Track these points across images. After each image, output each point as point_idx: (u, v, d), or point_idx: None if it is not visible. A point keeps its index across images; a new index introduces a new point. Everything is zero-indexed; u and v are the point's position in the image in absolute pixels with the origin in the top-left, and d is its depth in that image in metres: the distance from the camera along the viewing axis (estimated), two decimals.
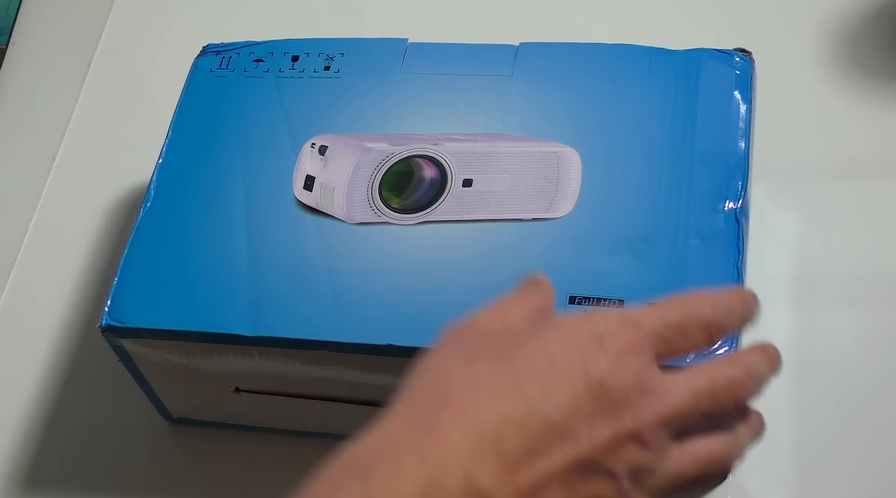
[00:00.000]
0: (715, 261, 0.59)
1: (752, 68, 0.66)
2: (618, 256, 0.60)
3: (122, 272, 0.63)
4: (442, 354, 0.47)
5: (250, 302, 0.61)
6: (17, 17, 0.87)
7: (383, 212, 0.63)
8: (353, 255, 0.62)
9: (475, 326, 0.48)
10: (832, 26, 0.80)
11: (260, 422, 0.68)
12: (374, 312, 0.60)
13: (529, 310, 0.48)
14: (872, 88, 0.77)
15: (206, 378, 0.64)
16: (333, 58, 0.70)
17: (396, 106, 0.67)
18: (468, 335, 0.47)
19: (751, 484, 0.64)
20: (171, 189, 0.66)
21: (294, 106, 0.68)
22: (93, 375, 0.73)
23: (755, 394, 0.48)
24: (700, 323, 0.47)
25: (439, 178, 0.63)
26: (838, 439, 0.65)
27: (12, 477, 0.70)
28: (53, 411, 0.73)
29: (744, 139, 0.63)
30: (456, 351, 0.46)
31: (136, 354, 0.63)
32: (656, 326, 0.46)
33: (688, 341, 0.47)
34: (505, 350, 0.45)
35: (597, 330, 0.45)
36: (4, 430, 0.72)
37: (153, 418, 0.70)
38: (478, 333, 0.47)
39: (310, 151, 0.65)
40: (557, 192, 0.62)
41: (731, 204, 0.61)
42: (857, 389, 0.66)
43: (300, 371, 0.62)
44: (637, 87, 0.65)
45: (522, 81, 0.67)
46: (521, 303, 0.49)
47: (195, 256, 0.63)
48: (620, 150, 0.63)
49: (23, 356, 0.75)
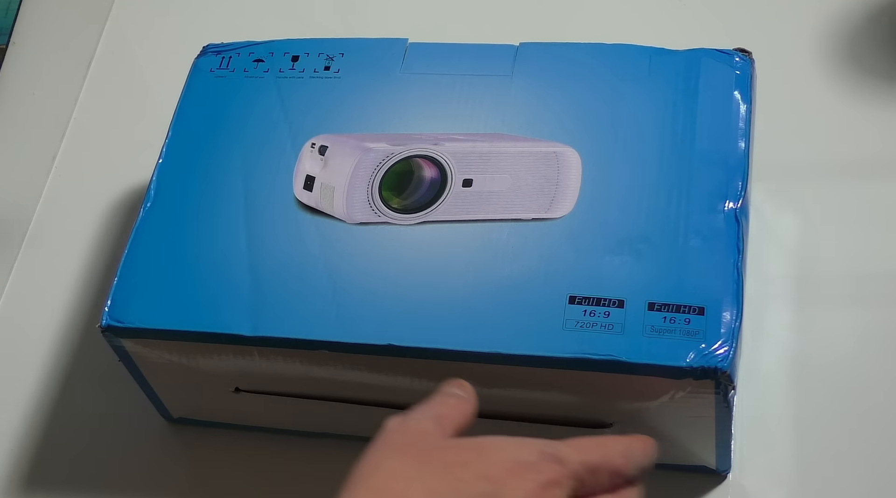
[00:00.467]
0: (715, 261, 0.59)
1: (752, 68, 0.66)
2: (618, 256, 0.60)
3: (122, 272, 0.63)
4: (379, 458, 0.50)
5: (250, 302, 0.61)
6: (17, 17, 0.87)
7: (383, 212, 0.63)
8: (353, 255, 0.62)
9: (412, 432, 0.51)
10: (832, 26, 0.80)
11: (260, 422, 0.68)
12: (374, 312, 0.60)
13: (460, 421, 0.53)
14: (872, 88, 0.77)
15: (206, 378, 0.64)
16: (333, 58, 0.70)
17: (396, 106, 0.67)
18: (405, 441, 0.51)
19: (751, 484, 0.64)
20: (171, 189, 0.66)
21: (294, 106, 0.68)
22: (93, 375, 0.73)
23: None
24: (611, 469, 0.52)
25: (439, 178, 0.63)
26: (838, 439, 0.65)
27: (12, 477, 0.70)
28: (53, 411, 0.73)
29: (744, 139, 0.63)
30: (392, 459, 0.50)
31: (136, 354, 0.63)
32: (576, 465, 0.50)
33: (597, 484, 0.51)
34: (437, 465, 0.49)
35: (524, 460, 0.49)
36: (5, 430, 0.72)
37: (153, 418, 0.70)
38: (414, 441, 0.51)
39: (310, 151, 0.65)
40: (557, 192, 0.62)
41: (731, 204, 0.61)
42: (857, 389, 0.66)
43: (300, 371, 0.62)
44: (637, 87, 0.65)
45: (522, 81, 0.67)
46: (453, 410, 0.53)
47: (195, 256, 0.63)
48: (620, 150, 0.63)
49: (23, 356, 0.75)
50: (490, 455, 0.50)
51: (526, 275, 0.60)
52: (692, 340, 0.56)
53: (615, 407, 0.59)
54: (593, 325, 0.57)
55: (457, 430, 0.53)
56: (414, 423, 0.52)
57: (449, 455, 0.50)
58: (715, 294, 0.58)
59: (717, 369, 0.56)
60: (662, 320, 0.57)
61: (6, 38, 0.86)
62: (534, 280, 0.59)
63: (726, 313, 0.57)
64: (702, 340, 0.56)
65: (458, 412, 0.53)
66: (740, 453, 0.64)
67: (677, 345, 0.56)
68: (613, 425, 0.61)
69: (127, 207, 0.79)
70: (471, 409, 0.54)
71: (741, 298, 0.58)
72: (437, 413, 0.53)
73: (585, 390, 0.59)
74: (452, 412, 0.53)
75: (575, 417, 0.61)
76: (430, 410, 0.53)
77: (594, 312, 0.58)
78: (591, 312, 0.58)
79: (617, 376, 0.57)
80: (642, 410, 0.59)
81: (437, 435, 0.52)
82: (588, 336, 0.57)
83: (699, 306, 0.57)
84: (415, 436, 0.51)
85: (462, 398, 0.54)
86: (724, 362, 0.56)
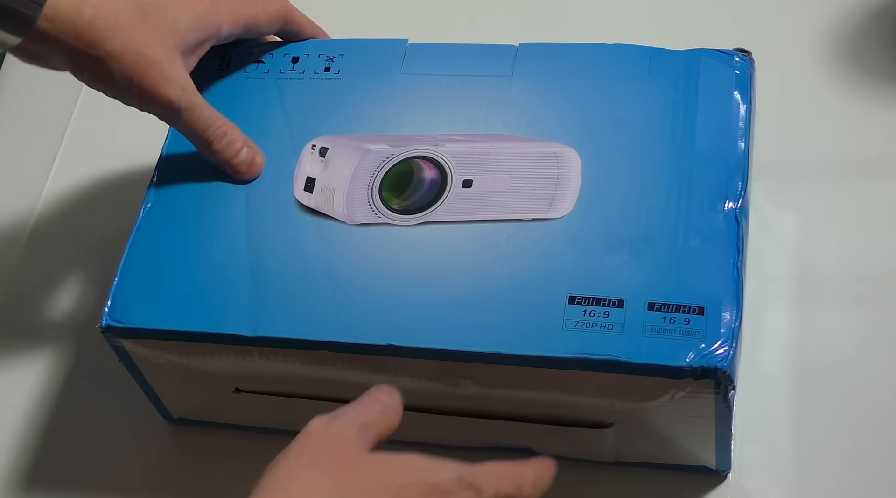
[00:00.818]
0: (715, 260, 0.59)
1: (752, 68, 0.66)
2: (618, 256, 0.60)
3: (122, 272, 0.63)
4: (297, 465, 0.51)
5: (251, 302, 0.61)
6: None
7: (384, 213, 0.63)
8: (353, 256, 0.62)
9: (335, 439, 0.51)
10: (832, 26, 0.80)
11: (260, 422, 0.68)
12: (375, 312, 0.60)
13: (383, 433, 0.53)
14: (872, 88, 0.77)
15: (207, 378, 0.64)
16: (333, 59, 0.70)
17: (396, 107, 0.67)
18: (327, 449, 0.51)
19: (751, 484, 0.65)
20: (171, 190, 0.66)
21: (294, 107, 0.68)
22: (93, 376, 0.73)
23: None
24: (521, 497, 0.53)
25: (439, 179, 0.63)
26: (838, 439, 0.65)
27: (12, 477, 0.70)
28: (53, 412, 0.73)
29: (744, 139, 0.63)
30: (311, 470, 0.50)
31: (137, 354, 0.63)
32: (492, 495, 0.51)
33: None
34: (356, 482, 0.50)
35: (443, 487, 0.50)
36: (5, 430, 0.72)
37: (153, 418, 0.70)
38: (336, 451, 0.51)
39: (310, 153, 0.65)
40: (557, 193, 0.62)
41: (731, 204, 0.61)
42: (857, 389, 0.66)
43: (300, 371, 0.62)
44: (637, 87, 0.65)
45: (522, 82, 0.67)
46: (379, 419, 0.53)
47: (195, 257, 0.63)
48: (620, 150, 0.63)
49: (23, 356, 0.75)
50: (410, 477, 0.50)
51: (526, 275, 0.60)
52: (692, 339, 0.56)
53: (615, 407, 0.59)
54: (593, 325, 0.57)
55: (378, 440, 0.53)
56: (338, 429, 0.52)
57: (371, 473, 0.50)
58: (715, 294, 0.58)
59: (716, 369, 0.56)
60: (662, 320, 0.57)
61: None
62: (534, 280, 0.59)
63: (726, 313, 0.57)
64: (701, 340, 0.56)
65: (383, 422, 0.53)
66: (740, 453, 0.64)
67: (677, 345, 0.56)
68: (613, 425, 0.61)
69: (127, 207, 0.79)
70: (396, 420, 0.54)
71: (741, 298, 0.58)
72: (364, 421, 0.53)
73: (585, 390, 0.59)
74: (378, 421, 0.53)
75: (574, 417, 0.61)
76: (357, 416, 0.53)
77: (594, 313, 0.58)
78: (591, 312, 0.58)
79: (617, 376, 0.57)
80: (642, 410, 0.59)
81: (360, 446, 0.51)
82: (588, 336, 0.57)
83: (699, 306, 0.57)
84: (337, 444, 0.51)
85: (390, 408, 0.54)
86: (723, 362, 0.56)
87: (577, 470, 0.65)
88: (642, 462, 0.65)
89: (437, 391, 0.61)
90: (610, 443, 0.63)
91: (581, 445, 0.63)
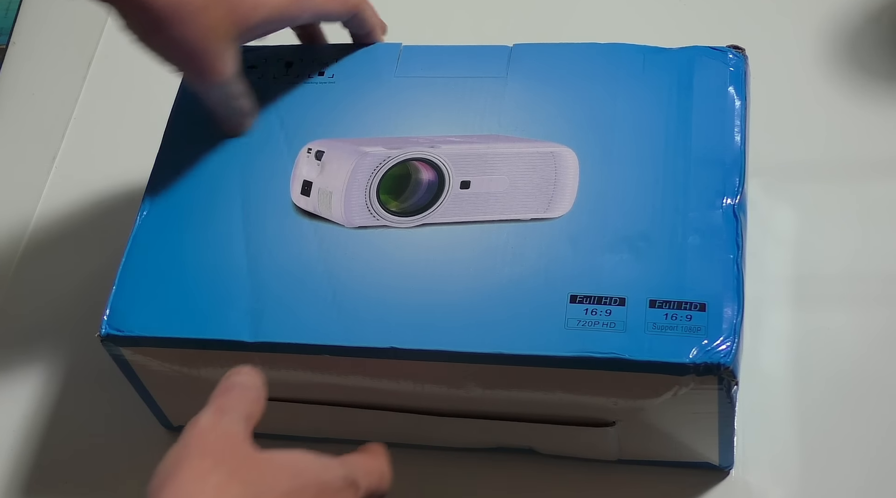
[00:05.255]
0: (714, 257, 0.59)
1: (746, 65, 0.66)
2: (617, 255, 0.60)
3: (120, 280, 0.63)
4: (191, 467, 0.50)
5: (250, 308, 0.61)
6: (17, 17, 0.88)
7: (381, 215, 0.63)
8: (352, 259, 0.62)
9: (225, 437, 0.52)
10: (832, 26, 0.80)
11: (261, 428, 0.68)
12: (375, 315, 0.60)
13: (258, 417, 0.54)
14: (872, 88, 0.77)
15: (207, 386, 0.64)
16: (328, 63, 0.69)
17: (392, 109, 0.67)
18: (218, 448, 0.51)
19: (752, 483, 0.65)
20: (167, 196, 0.66)
21: (289, 111, 0.68)
22: (92, 384, 0.73)
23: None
24: (380, 491, 0.56)
25: (437, 181, 0.63)
26: (841, 435, 0.65)
27: (11, 486, 0.70)
28: (52, 421, 0.72)
29: (740, 135, 0.63)
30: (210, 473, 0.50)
31: (136, 362, 0.63)
32: (364, 490, 0.54)
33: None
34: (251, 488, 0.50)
35: (331, 487, 0.52)
36: (4, 439, 0.72)
37: (153, 427, 0.70)
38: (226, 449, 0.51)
39: (306, 157, 0.65)
40: (555, 192, 0.62)
41: (729, 200, 0.61)
42: (857, 388, 0.66)
43: (301, 376, 0.62)
44: (632, 85, 0.65)
45: (517, 82, 0.67)
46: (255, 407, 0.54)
47: (194, 263, 0.63)
48: (617, 148, 0.63)
49: (22, 361, 0.74)
50: (305, 479, 0.51)
51: (526, 275, 0.60)
52: (694, 336, 0.56)
53: (618, 405, 0.59)
54: (595, 323, 0.57)
55: (255, 426, 0.54)
56: (228, 426, 0.52)
57: (264, 475, 0.51)
58: (715, 290, 0.58)
59: (719, 365, 0.56)
60: (664, 317, 0.57)
61: (6, 38, 0.86)
62: (534, 280, 0.59)
63: (727, 309, 0.57)
64: (704, 336, 0.56)
65: (258, 410, 0.54)
66: (743, 449, 0.65)
67: (679, 341, 0.56)
68: (616, 424, 0.61)
69: (127, 208, 0.78)
70: (265, 403, 0.55)
71: (742, 294, 0.58)
72: (246, 412, 0.53)
73: (588, 389, 0.59)
74: (255, 412, 0.54)
75: (577, 416, 0.61)
76: (241, 409, 0.53)
77: (596, 311, 0.58)
78: (593, 310, 0.58)
79: (620, 374, 0.57)
80: (645, 408, 0.59)
81: (250, 444, 0.52)
82: (590, 335, 0.57)
83: (700, 303, 0.57)
84: (233, 444, 0.51)
85: (259, 390, 0.55)
86: (726, 358, 0.56)
87: (579, 469, 0.65)
88: (645, 460, 0.65)
89: (439, 394, 0.61)
90: (613, 441, 0.63)
91: (584, 444, 0.63)
